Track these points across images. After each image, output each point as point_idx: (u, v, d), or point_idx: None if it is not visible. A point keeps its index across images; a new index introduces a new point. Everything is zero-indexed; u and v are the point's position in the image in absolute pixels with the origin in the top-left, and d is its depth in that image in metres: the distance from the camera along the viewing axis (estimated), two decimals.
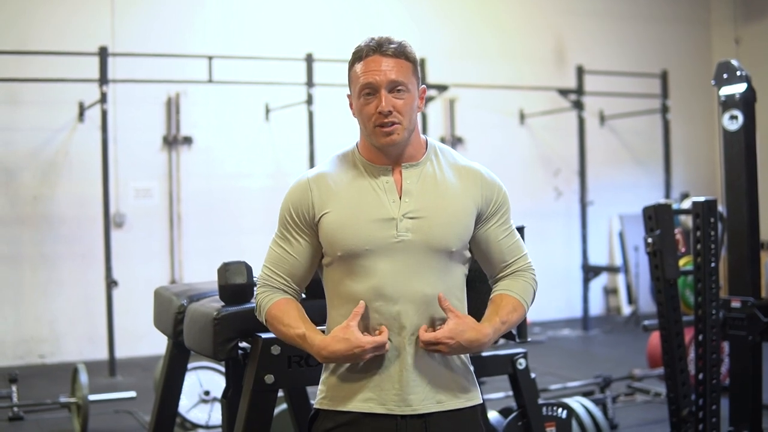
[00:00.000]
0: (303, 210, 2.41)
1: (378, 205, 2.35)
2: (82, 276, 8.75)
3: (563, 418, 3.89)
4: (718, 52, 11.43)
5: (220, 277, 2.96)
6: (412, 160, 2.40)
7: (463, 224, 2.38)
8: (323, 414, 2.42)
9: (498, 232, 2.45)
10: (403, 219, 2.33)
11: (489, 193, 2.43)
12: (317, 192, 2.39)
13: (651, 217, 4.32)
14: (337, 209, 2.36)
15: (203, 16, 9.42)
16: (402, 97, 2.33)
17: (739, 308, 4.47)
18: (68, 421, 6.00)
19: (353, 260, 2.34)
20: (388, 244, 2.32)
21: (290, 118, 9.32)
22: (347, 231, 2.34)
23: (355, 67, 2.39)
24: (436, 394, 2.38)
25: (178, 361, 3.56)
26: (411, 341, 2.34)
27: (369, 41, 2.37)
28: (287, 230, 2.44)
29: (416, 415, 2.37)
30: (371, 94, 2.34)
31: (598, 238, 10.91)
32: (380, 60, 2.33)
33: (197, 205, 9.25)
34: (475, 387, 2.48)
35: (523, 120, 10.75)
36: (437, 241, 2.34)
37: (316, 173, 2.44)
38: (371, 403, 2.36)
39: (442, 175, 2.41)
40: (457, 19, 10.48)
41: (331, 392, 2.41)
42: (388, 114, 2.31)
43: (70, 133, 8.79)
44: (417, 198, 2.36)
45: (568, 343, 9.38)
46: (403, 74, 2.33)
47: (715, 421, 4.28)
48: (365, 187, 2.37)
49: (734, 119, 4.51)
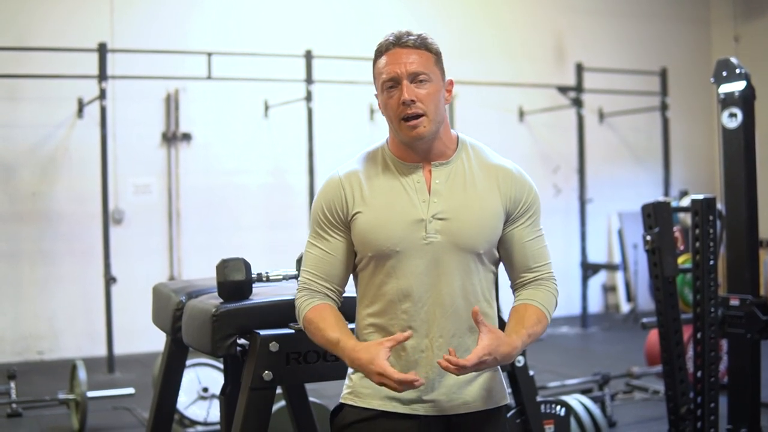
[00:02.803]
0: (336, 207, 2.38)
1: (408, 205, 2.33)
2: (81, 272, 8.74)
3: (561, 415, 3.89)
4: (718, 50, 11.43)
5: (219, 273, 2.96)
6: (442, 158, 2.37)
7: (490, 225, 2.35)
8: (347, 408, 2.41)
9: (524, 234, 2.41)
10: (432, 220, 2.31)
11: (518, 193, 2.40)
12: (350, 190, 2.37)
13: (650, 215, 4.32)
14: (368, 209, 2.34)
15: (202, 12, 9.41)
16: (425, 87, 2.30)
17: (737, 306, 4.47)
18: (67, 418, 6.00)
19: (383, 261, 2.33)
20: (417, 245, 2.30)
21: (289, 115, 9.32)
22: (379, 232, 2.32)
23: (377, 64, 2.36)
24: (462, 395, 2.36)
25: (177, 358, 3.56)
26: (438, 343, 2.33)
27: (389, 36, 2.34)
28: (322, 229, 2.41)
29: (442, 416, 2.35)
30: (394, 87, 2.31)
31: (597, 236, 10.91)
32: (400, 52, 2.31)
33: (196, 201, 9.24)
34: (501, 387, 2.45)
35: (523, 117, 10.74)
36: (465, 243, 2.32)
37: (348, 171, 2.41)
38: (395, 402, 2.35)
39: (472, 174, 2.37)
40: (456, 16, 10.48)
41: (356, 388, 2.40)
42: (411, 103, 2.28)
43: (69, 129, 8.79)
44: (445, 198, 2.33)
45: (566, 340, 9.38)
46: (424, 64, 2.31)
47: (714, 419, 4.28)
48: (396, 187, 2.35)
49: (733, 117, 4.51)
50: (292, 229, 9.30)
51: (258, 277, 3.04)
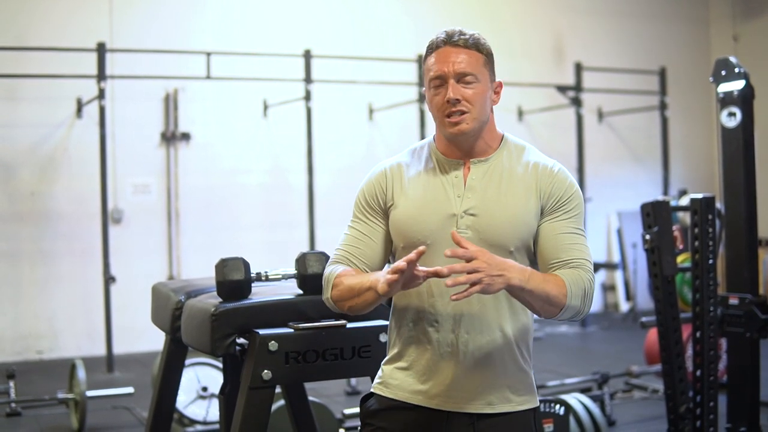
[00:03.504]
0: (378, 195, 2.42)
1: (444, 200, 2.35)
2: (80, 272, 8.74)
3: (561, 414, 3.90)
4: (717, 49, 11.44)
5: (218, 273, 2.96)
6: (483, 155, 2.38)
7: (523, 222, 2.33)
8: (376, 397, 2.45)
9: (556, 227, 2.34)
10: (464, 216, 2.32)
11: (554, 189, 2.36)
12: (392, 181, 2.41)
13: (649, 214, 4.32)
14: (406, 201, 2.37)
15: (201, 12, 9.41)
16: (471, 87, 2.32)
17: (736, 305, 4.47)
18: (66, 417, 6.00)
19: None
20: (448, 239, 2.27)
21: (288, 115, 9.32)
22: (412, 224, 2.35)
23: (427, 61, 2.37)
24: (488, 395, 2.35)
25: (176, 357, 3.56)
26: (465, 339, 2.32)
27: (440, 34, 2.35)
28: (362, 213, 2.44)
29: (465, 413, 2.35)
30: (441, 85, 2.32)
31: (596, 235, 10.91)
32: (450, 51, 2.32)
33: (195, 201, 9.24)
34: (531, 390, 2.42)
35: (522, 116, 10.74)
36: (493, 239, 2.31)
37: (394, 163, 2.46)
38: (420, 396, 2.37)
39: (511, 171, 2.37)
40: (454, 15, 10.46)
41: (386, 379, 2.44)
42: (456, 102, 2.29)
43: (68, 129, 8.79)
44: (479, 194, 2.34)
45: (565, 339, 9.38)
46: (472, 65, 2.32)
47: (713, 418, 4.28)
48: (435, 181, 2.38)
49: (732, 116, 4.51)
50: (292, 229, 9.30)
51: (257, 276, 3.05)
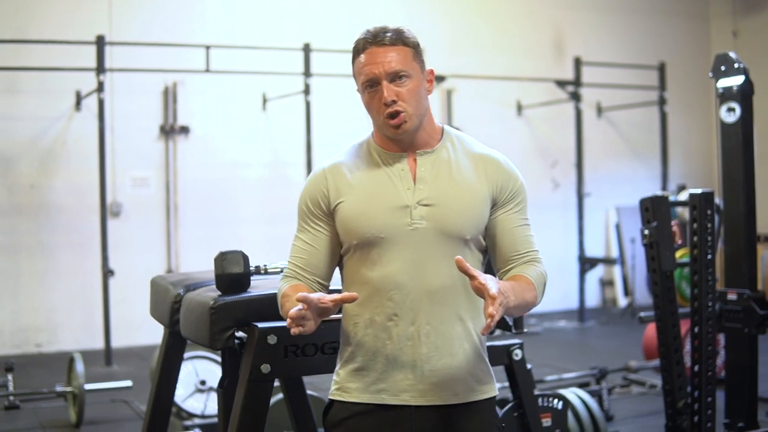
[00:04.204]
0: (319, 199, 2.40)
1: (393, 192, 2.33)
2: (79, 265, 8.74)
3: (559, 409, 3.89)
4: (716, 45, 11.44)
5: (217, 266, 2.96)
6: (427, 147, 2.38)
7: (477, 211, 2.34)
8: (337, 404, 2.41)
9: (512, 219, 2.39)
10: (417, 206, 2.31)
11: (504, 181, 2.39)
12: (332, 181, 2.39)
13: (648, 209, 4.31)
14: (352, 198, 2.35)
15: (201, 5, 9.40)
16: (405, 84, 2.30)
17: (735, 300, 4.47)
18: (64, 410, 6.00)
19: (368, 248, 2.33)
20: (402, 231, 2.30)
21: (287, 108, 9.31)
22: (362, 219, 2.32)
23: (355, 63, 2.35)
24: (452, 386, 2.35)
25: (175, 351, 3.56)
26: (425, 330, 2.31)
27: (365, 34, 2.33)
28: (305, 221, 2.44)
29: (431, 406, 2.34)
30: (374, 88, 2.31)
31: (594, 230, 10.91)
32: (378, 51, 2.30)
33: (194, 194, 9.24)
34: (491, 378, 2.44)
35: (521, 111, 10.74)
36: (451, 229, 2.31)
37: (332, 163, 2.44)
38: (384, 394, 2.35)
39: (457, 162, 2.38)
40: (455, 9, 10.47)
41: (344, 383, 2.40)
42: (392, 103, 2.28)
43: (68, 122, 8.78)
44: (431, 185, 2.34)
45: (564, 334, 9.39)
46: (402, 62, 2.30)
47: (711, 413, 4.28)
48: (380, 176, 2.36)
49: (732, 111, 4.50)
50: (291, 222, 9.16)
51: (256, 269, 3.04)
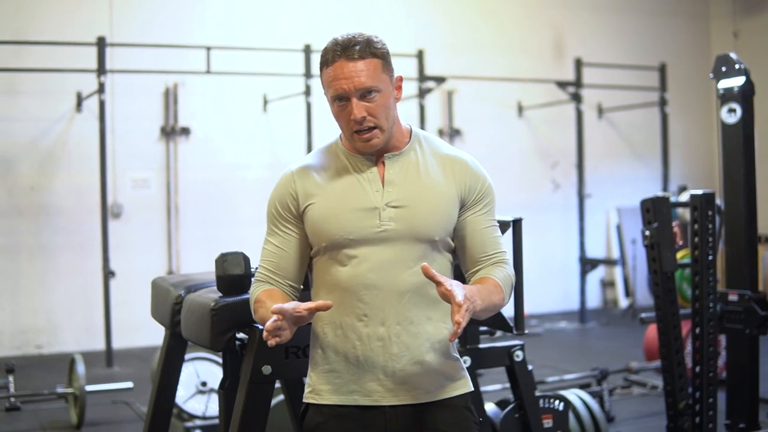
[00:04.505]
0: (288, 202, 2.40)
1: (361, 195, 2.34)
2: (80, 266, 8.74)
3: (560, 410, 3.89)
4: (717, 46, 11.43)
5: (218, 267, 2.96)
6: (395, 150, 2.38)
7: (446, 212, 2.36)
8: (312, 408, 2.42)
9: (480, 221, 2.41)
10: (386, 208, 2.32)
11: (473, 182, 2.40)
12: (301, 184, 2.38)
13: (649, 210, 4.32)
14: (321, 200, 2.35)
15: (202, 6, 9.40)
16: (374, 99, 2.28)
17: (736, 301, 4.47)
18: (65, 412, 6.00)
19: (338, 250, 2.34)
20: (371, 233, 2.31)
21: (288, 109, 9.31)
22: (331, 221, 2.33)
23: (323, 74, 2.32)
24: (424, 384, 2.36)
25: (176, 352, 3.56)
26: (395, 330, 2.32)
27: (334, 44, 2.28)
28: (275, 225, 2.43)
29: (405, 405, 2.35)
30: (343, 101, 2.29)
31: (595, 231, 10.91)
32: (346, 65, 2.25)
33: (195, 195, 9.24)
34: (463, 375, 2.45)
35: (522, 112, 10.74)
36: (420, 230, 2.33)
37: (300, 166, 2.43)
38: (356, 395, 2.36)
39: (426, 164, 2.39)
40: (455, 11, 10.46)
41: (316, 386, 2.41)
42: (362, 120, 2.27)
43: (68, 123, 8.78)
44: (400, 187, 2.34)
45: (565, 335, 9.39)
46: (371, 76, 2.27)
47: (712, 414, 4.28)
48: (349, 178, 2.36)
49: (732, 112, 4.50)
50: None
51: (257, 270, 3.04)
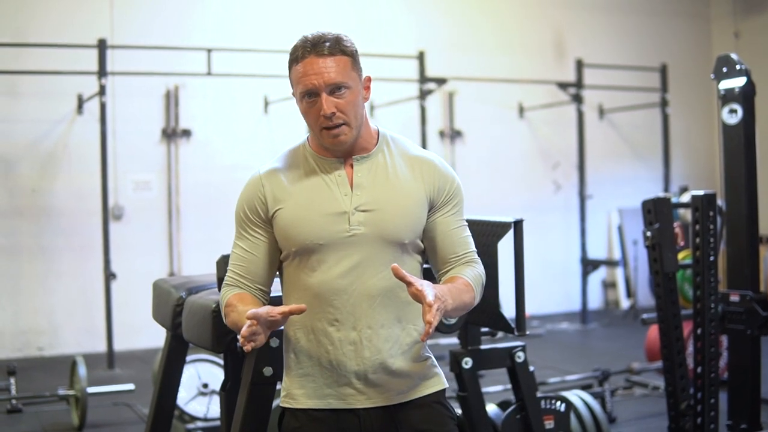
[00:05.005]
0: (257, 206, 2.38)
1: (330, 199, 2.33)
2: (81, 268, 8.75)
3: (562, 411, 3.89)
4: (718, 46, 11.43)
5: (219, 269, 2.96)
6: (363, 152, 2.38)
7: (415, 215, 2.36)
8: (288, 414, 2.41)
9: (450, 222, 2.41)
10: (355, 212, 2.32)
11: (441, 183, 2.40)
12: (269, 188, 2.37)
13: (650, 211, 4.31)
14: (290, 205, 2.34)
15: (202, 8, 9.40)
16: (344, 96, 2.28)
17: (737, 302, 4.47)
18: (67, 414, 6.00)
19: (308, 255, 2.33)
20: (341, 238, 2.30)
21: (289, 111, 9.27)
22: (300, 226, 2.32)
23: (293, 71, 2.31)
24: (397, 386, 2.36)
25: (177, 354, 3.56)
26: (367, 334, 2.32)
27: (304, 41, 2.28)
28: (243, 229, 2.42)
29: (379, 407, 2.36)
30: (312, 97, 2.28)
31: (596, 232, 10.91)
32: (316, 61, 2.26)
33: (196, 197, 9.24)
34: (435, 372, 2.45)
35: (522, 113, 10.73)
36: (389, 234, 2.32)
37: (268, 169, 2.41)
38: (330, 399, 2.36)
39: (394, 165, 2.38)
40: (456, 12, 10.47)
41: (291, 390, 2.40)
42: (332, 116, 2.27)
43: (69, 125, 8.78)
44: (368, 190, 2.34)
45: (566, 336, 9.38)
46: (341, 72, 2.27)
47: (714, 415, 4.28)
48: (317, 182, 2.35)
49: (733, 113, 4.50)
50: None
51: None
